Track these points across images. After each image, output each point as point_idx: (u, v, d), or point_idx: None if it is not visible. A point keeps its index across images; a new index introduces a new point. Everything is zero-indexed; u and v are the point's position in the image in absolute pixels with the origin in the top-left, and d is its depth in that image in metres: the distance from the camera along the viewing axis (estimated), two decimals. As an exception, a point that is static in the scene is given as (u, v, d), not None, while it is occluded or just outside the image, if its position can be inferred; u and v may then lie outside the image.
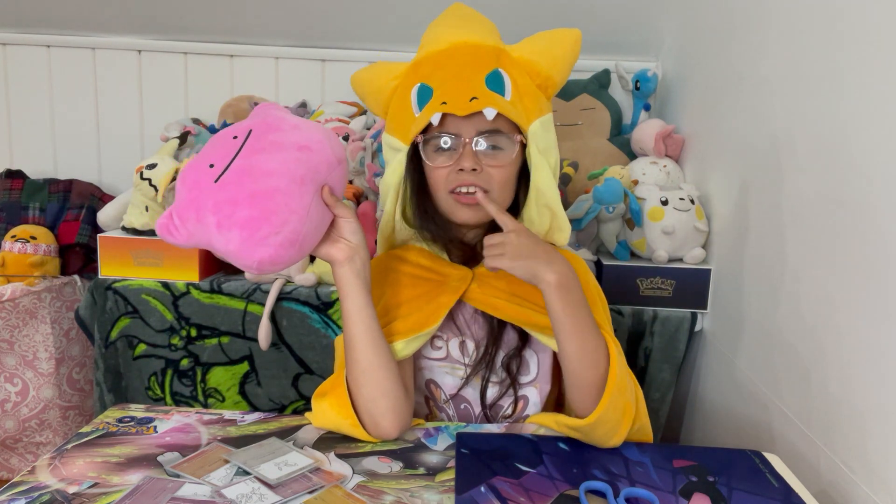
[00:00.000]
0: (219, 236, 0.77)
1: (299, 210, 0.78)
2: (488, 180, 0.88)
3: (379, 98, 0.97)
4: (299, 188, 0.78)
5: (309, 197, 0.79)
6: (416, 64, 0.94)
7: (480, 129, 0.87)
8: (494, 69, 0.89)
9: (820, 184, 0.94)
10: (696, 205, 1.38)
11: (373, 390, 0.84)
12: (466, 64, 0.89)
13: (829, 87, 0.93)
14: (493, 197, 0.88)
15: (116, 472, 0.74)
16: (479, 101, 0.85)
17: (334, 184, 0.83)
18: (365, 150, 1.45)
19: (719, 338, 1.31)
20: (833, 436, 0.88)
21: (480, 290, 0.92)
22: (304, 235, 0.79)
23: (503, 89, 0.88)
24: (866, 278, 0.82)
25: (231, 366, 1.39)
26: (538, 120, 0.90)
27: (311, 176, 0.80)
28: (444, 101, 0.86)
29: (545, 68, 0.92)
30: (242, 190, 0.76)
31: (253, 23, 1.83)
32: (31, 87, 1.92)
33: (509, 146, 0.89)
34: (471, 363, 0.94)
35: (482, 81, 0.87)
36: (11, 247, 1.55)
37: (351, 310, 0.85)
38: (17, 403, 1.54)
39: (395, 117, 0.94)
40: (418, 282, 0.94)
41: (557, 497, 0.72)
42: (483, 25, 0.95)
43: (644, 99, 1.74)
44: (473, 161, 0.87)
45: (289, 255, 0.78)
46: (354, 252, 0.84)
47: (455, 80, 0.88)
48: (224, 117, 1.82)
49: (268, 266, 0.78)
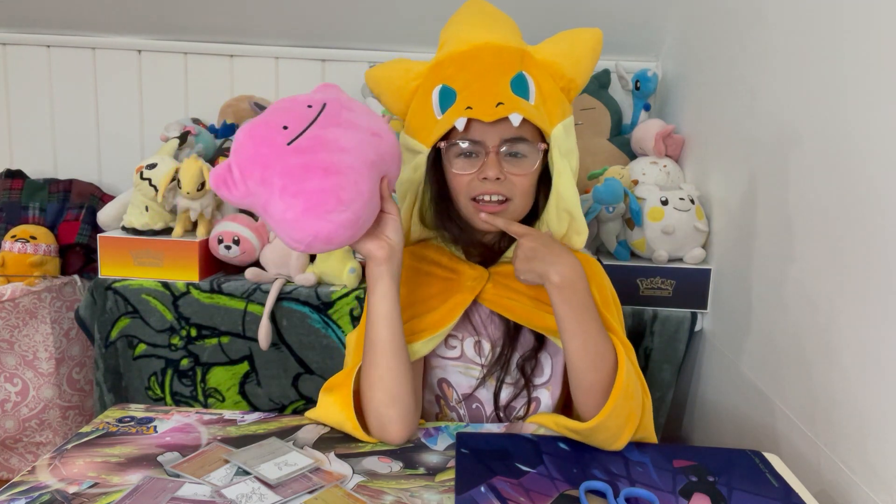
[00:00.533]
0: (280, 202, 0.73)
1: (365, 193, 0.76)
2: (511, 188, 0.87)
3: (399, 98, 0.95)
4: (368, 172, 0.77)
5: (373, 183, 0.78)
6: (437, 64, 0.92)
7: (505, 137, 0.86)
8: (519, 72, 0.87)
9: (820, 183, 0.94)
10: (696, 205, 1.38)
11: (385, 396, 0.83)
12: (491, 66, 0.87)
13: (830, 87, 0.93)
14: (515, 205, 0.88)
15: (116, 472, 0.74)
16: (505, 106, 0.83)
17: (392, 177, 0.83)
18: (365, 150, 1.45)
19: (719, 338, 1.31)
20: (833, 436, 0.88)
21: (495, 290, 0.92)
22: (364, 220, 0.77)
23: (528, 93, 0.87)
24: (867, 278, 0.82)
25: (231, 366, 1.39)
26: (561, 123, 0.89)
27: (379, 163, 0.79)
28: (468, 105, 0.84)
29: (568, 71, 0.91)
30: (316, 159, 0.74)
31: (253, 23, 1.83)
32: (31, 87, 1.92)
33: (533, 153, 0.88)
34: (486, 363, 0.94)
35: (507, 85, 0.86)
36: (11, 247, 1.55)
37: (380, 312, 0.83)
38: (17, 403, 1.54)
39: (416, 119, 0.92)
40: (435, 280, 0.94)
41: (557, 497, 0.72)
42: (505, 25, 0.94)
43: (644, 99, 1.74)
44: (498, 170, 0.86)
45: (345, 236, 0.76)
46: (393, 252, 0.83)
47: (480, 84, 0.86)
48: (224, 117, 1.82)
49: (321, 243, 0.75)
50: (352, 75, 1.89)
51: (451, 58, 0.90)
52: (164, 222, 1.42)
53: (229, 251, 1.37)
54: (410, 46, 1.75)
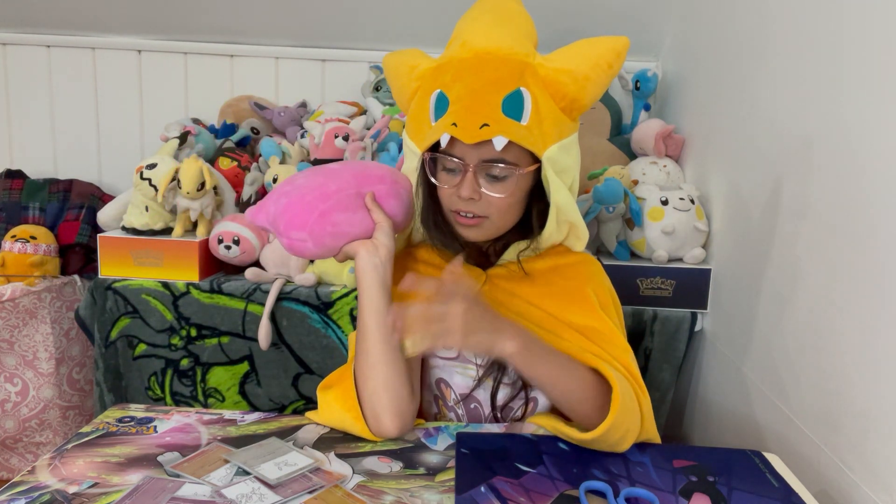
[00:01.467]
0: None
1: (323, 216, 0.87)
2: (486, 207, 0.87)
3: (401, 95, 0.96)
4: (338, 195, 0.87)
5: (345, 204, 0.87)
6: (439, 67, 0.90)
7: (485, 158, 0.84)
8: (516, 89, 0.84)
9: (820, 183, 0.94)
10: (696, 205, 1.38)
11: (377, 384, 0.84)
12: (487, 82, 0.85)
13: (831, 87, 0.93)
14: (492, 222, 0.88)
15: (116, 472, 0.74)
16: (490, 128, 0.82)
17: (379, 192, 0.88)
18: (365, 150, 1.45)
19: (719, 338, 1.31)
20: (833, 436, 0.88)
21: (491, 292, 0.92)
22: (320, 236, 0.86)
23: (521, 113, 0.84)
24: (866, 278, 0.82)
25: (231, 366, 1.39)
26: (556, 144, 0.86)
27: (358, 186, 0.88)
28: (454, 121, 0.83)
29: (572, 90, 0.86)
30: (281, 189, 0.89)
31: (253, 23, 1.83)
32: (31, 87, 1.92)
33: (513, 176, 0.86)
34: (483, 363, 0.94)
35: (498, 105, 0.83)
36: (11, 247, 1.55)
37: (365, 302, 0.85)
38: (17, 403, 1.54)
39: (414, 120, 0.92)
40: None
41: (557, 497, 0.72)
42: (519, 27, 0.91)
43: (644, 99, 1.74)
44: (472, 191, 0.85)
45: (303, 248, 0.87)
46: (377, 246, 0.86)
47: (469, 101, 0.84)
48: (224, 117, 1.82)
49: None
50: (352, 75, 1.89)
51: (451, 63, 0.88)
52: (164, 222, 1.42)
53: (229, 251, 1.37)
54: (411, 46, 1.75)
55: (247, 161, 1.59)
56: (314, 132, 1.55)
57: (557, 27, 0.97)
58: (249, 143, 1.73)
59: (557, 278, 0.94)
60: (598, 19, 1.71)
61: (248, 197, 1.47)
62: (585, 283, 0.94)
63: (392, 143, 1.41)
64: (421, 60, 0.93)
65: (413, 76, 0.93)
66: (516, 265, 0.93)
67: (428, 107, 0.88)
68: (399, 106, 0.99)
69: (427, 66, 0.92)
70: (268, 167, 1.47)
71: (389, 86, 0.99)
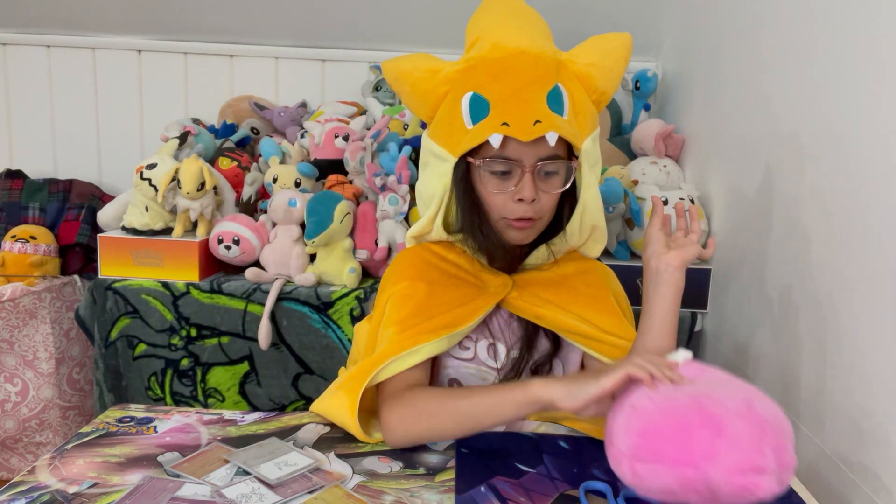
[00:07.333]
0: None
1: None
2: (541, 208, 0.86)
3: (425, 102, 0.91)
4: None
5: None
6: (468, 69, 0.88)
7: (541, 156, 0.84)
8: (555, 85, 0.84)
9: (820, 183, 0.94)
10: (696, 205, 1.38)
11: (428, 437, 0.82)
12: (528, 80, 0.84)
13: (830, 87, 0.93)
14: (543, 222, 0.88)
15: (116, 472, 0.74)
16: (542, 124, 0.81)
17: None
18: (365, 150, 1.45)
19: (719, 338, 1.31)
20: (833, 436, 0.88)
21: (521, 297, 0.91)
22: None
23: (562, 107, 0.84)
24: (866, 277, 0.82)
25: (231, 366, 1.39)
26: (590, 136, 0.87)
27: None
28: (504, 121, 0.82)
29: (601, 83, 0.89)
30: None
31: (253, 23, 1.84)
32: (31, 87, 1.92)
33: (564, 170, 0.86)
34: (500, 366, 0.93)
35: (544, 101, 0.83)
36: (11, 247, 1.55)
37: (510, 414, 0.76)
38: (17, 403, 1.54)
39: (443, 125, 0.89)
40: (458, 282, 0.93)
41: (557, 497, 0.72)
42: (538, 27, 0.91)
43: (644, 99, 1.74)
44: (533, 192, 0.84)
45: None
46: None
47: (517, 100, 0.83)
48: (224, 117, 1.82)
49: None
50: (352, 75, 1.89)
51: (483, 64, 0.86)
52: (164, 222, 1.42)
53: (229, 251, 1.37)
54: (411, 46, 1.74)
55: (247, 161, 1.59)
56: (314, 132, 1.54)
57: (557, 27, 0.97)
58: (249, 143, 1.73)
59: (581, 285, 0.94)
60: (598, 19, 1.70)
61: (248, 197, 1.47)
62: (607, 291, 0.95)
63: (392, 143, 1.41)
64: (440, 64, 0.90)
65: (438, 80, 0.89)
66: (538, 270, 0.94)
67: (460, 110, 0.86)
68: (416, 112, 0.94)
69: (451, 69, 0.89)
70: (268, 167, 1.47)
71: (398, 92, 0.95)
